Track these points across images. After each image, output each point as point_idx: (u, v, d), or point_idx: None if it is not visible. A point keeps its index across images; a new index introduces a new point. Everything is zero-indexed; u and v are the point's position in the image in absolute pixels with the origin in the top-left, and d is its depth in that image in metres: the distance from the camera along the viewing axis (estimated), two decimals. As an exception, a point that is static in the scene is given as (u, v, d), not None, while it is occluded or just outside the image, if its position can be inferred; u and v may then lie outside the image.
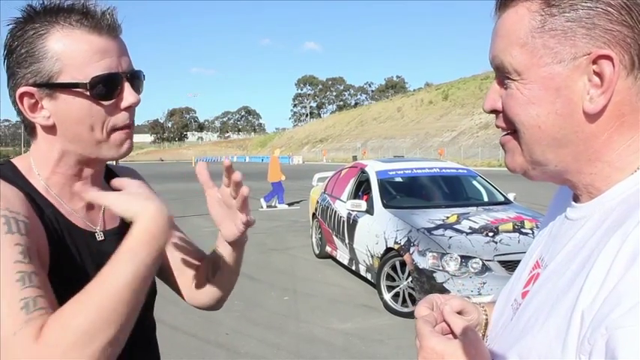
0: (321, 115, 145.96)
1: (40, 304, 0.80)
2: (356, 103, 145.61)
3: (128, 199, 0.87)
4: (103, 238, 1.06)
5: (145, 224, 0.85)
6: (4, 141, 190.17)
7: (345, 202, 7.44)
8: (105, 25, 0.95)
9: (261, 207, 15.00)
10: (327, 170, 11.95)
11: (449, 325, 0.80)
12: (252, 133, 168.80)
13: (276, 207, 15.20)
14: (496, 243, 5.36)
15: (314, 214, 9.00)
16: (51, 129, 0.97)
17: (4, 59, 0.96)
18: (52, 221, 0.97)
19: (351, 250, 7.07)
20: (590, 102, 0.67)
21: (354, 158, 40.67)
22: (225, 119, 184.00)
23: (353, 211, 7.02)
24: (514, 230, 5.63)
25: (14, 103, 0.96)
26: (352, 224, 7.04)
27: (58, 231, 0.97)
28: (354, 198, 7.43)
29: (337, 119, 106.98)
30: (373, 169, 7.46)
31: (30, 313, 0.78)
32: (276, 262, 8.11)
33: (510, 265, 5.09)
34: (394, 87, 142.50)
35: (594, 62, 0.66)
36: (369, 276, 6.56)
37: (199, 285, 1.21)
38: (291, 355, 4.63)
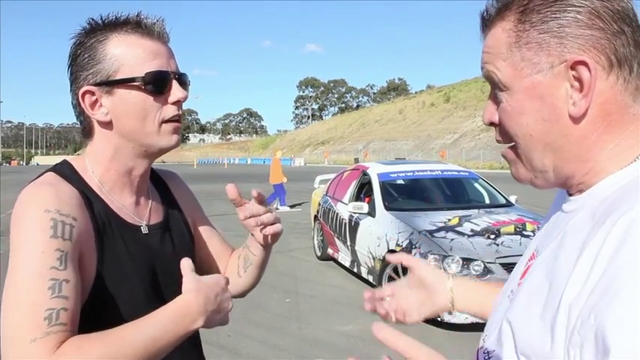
0: (323, 117, 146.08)
1: (62, 318, 0.87)
2: (358, 105, 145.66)
3: (191, 279, 0.99)
4: (147, 231, 1.16)
5: (179, 305, 0.95)
6: (7, 142, 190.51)
7: (346, 205, 7.45)
8: (156, 32, 1.09)
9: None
10: (329, 172, 11.97)
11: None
12: (254, 135, 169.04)
13: (277, 209, 15.21)
14: (498, 245, 5.36)
15: (316, 216, 9.02)
16: (108, 125, 1.09)
17: (69, 67, 1.09)
18: (102, 216, 1.07)
19: (353, 252, 7.08)
20: (574, 106, 0.70)
21: (356, 160, 40.64)
22: (226, 121, 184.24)
23: (355, 213, 7.03)
24: (516, 232, 5.63)
25: (76, 104, 1.09)
26: (354, 226, 7.05)
27: (107, 225, 1.07)
28: (356, 200, 7.44)
29: (339, 121, 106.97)
30: (375, 171, 7.47)
31: (51, 326, 0.85)
32: (278, 264, 8.11)
33: (512, 268, 5.03)
34: (396, 89, 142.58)
35: (572, 68, 0.69)
36: (370, 278, 6.56)
37: (231, 278, 1.33)
38: (292, 357, 4.64)
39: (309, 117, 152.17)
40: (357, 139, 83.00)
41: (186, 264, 1.00)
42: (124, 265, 1.06)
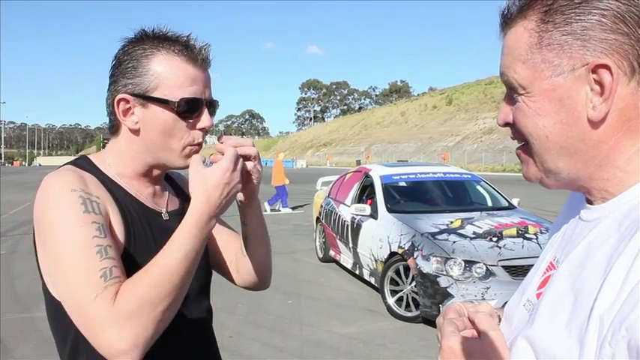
0: (325, 119, 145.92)
1: (115, 273, 0.98)
2: (360, 108, 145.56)
3: (196, 179, 1.06)
4: (168, 217, 1.23)
5: (193, 216, 1.04)
6: (9, 142, 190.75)
7: (349, 207, 7.45)
8: (199, 59, 1.14)
9: (265, 211, 15.03)
10: (331, 174, 11.96)
11: (472, 323, 0.82)
12: (256, 137, 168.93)
13: (279, 211, 15.22)
14: (500, 248, 5.35)
15: (318, 218, 9.01)
16: (135, 132, 1.15)
17: (112, 68, 1.15)
18: (124, 201, 1.14)
19: (355, 255, 7.08)
20: (594, 110, 0.69)
21: (358, 162, 40.66)
22: (229, 123, 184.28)
23: (357, 215, 7.03)
24: (518, 235, 5.62)
25: (110, 105, 1.15)
26: (356, 228, 7.05)
27: (130, 209, 1.15)
28: (358, 202, 7.44)
29: (341, 123, 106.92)
30: (377, 173, 7.47)
31: (107, 281, 0.96)
32: (280, 266, 8.10)
33: (514, 270, 5.09)
34: (398, 91, 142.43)
35: (593, 71, 0.68)
36: (372, 280, 6.56)
37: (239, 261, 1.39)
38: (294, 358, 4.64)
39: (311, 119, 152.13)
40: (359, 142, 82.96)
41: (193, 160, 1.10)
42: (147, 246, 1.13)
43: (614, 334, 0.59)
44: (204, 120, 1.15)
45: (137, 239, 1.12)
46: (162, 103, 1.11)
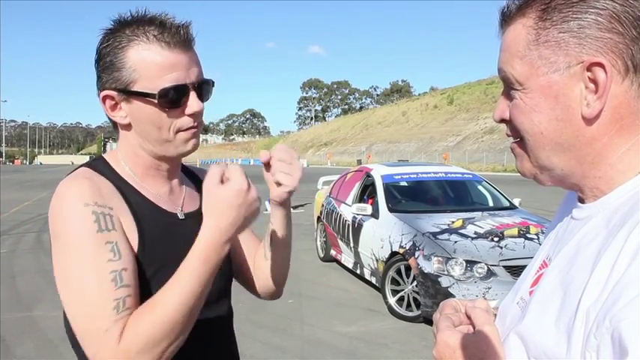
0: (326, 119, 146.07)
1: (127, 304, 0.96)
2: (361, 107, 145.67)
3: (208, 201, 0.98)
4: (184, 217, 1.20)
5: (203, 244, 0.96)
6: (10, 141, 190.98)
7: (350, 206, 7.45)
8: (178, 41, 1.06)
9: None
10: (332, 174, 11.96)
11: (469, 318, 0.83)
12: (257, 136, 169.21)
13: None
14: (501, 248, 5.35)
15: (319, 218, 9.01)
16: (127, 127, 1.12)
17: (95, 62, 1.10)
18: (138, 204, 1.11)
19: (356, 254, 7.08)
20: (588, 107, 0.70)
21: (359, 162, 40.68)
22: (230, 122, 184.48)
23: (358, 214, 7.03)
24: (519, 235, 5.62)
25: (100, 102, 1.12)
26: (357, 228, 7.05)
27: (145, 214, 1.11)
28: (360, 202, 7.45)
29: (342, 123, 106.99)
30: (378, 173, 7.47)
31: (119, 313, 0.94)
32: (281, 265, 8.08)
33: (515, 271, 5.09)
34: (399, 91, 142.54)
35: (588, 69, 0.69)
36: (373, 280, 6.56)
37: (260, 267, 1.35)
38: (295, 358, 4.64)
39: (312, 118, 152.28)
40: (360, 141, 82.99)
41: (208, 176, 0.98)
42: (163, 249, 1.10)
43: (599, 327, 0.61)
44: (192, 105, 1.09)
45: (151, 245, 1.08)
46: (143, 96, 1.06)
